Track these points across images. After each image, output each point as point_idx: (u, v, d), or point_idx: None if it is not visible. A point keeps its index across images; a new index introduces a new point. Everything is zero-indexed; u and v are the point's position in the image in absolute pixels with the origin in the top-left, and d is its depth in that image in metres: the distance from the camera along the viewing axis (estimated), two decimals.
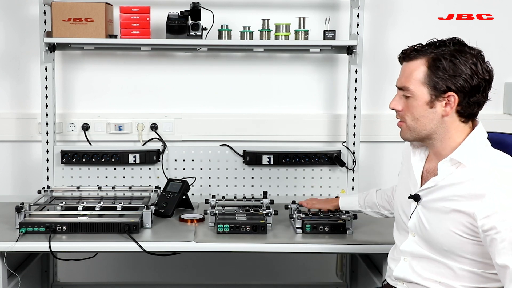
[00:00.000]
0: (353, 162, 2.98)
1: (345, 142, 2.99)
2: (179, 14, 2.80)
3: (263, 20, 2.87)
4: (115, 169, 2.97)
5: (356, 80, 2.92)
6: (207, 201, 2.63)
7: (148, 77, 3.09)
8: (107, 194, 2.79)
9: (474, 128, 1.82)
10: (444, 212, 1.77)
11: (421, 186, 1.86)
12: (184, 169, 2.98)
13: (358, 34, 2.86)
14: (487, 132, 1.89)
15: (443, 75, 1.76)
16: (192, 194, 2.86)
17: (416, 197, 1.85)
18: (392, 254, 1.98)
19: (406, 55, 1.82)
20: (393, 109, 1.84)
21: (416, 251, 1.85)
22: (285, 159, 2.96)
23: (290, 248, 2.25)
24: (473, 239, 1.73)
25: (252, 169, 2.99)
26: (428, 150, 1.91)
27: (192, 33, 2.80)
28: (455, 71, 1.75)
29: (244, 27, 2.86)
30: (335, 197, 2.52)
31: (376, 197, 2.33)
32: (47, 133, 2.90)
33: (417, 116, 1.80)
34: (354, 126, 2.95)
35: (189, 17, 2.80)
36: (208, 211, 2.42)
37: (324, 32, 2.85)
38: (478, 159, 1.76)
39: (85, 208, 2.42)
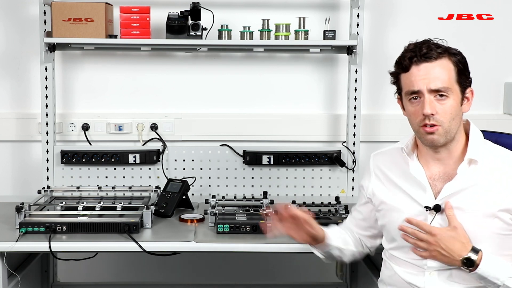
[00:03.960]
0: (353, 162, 2.98)
1: (345, 142, 3.00)
2: (179, 14, 2.80)
3: (263, 20, 2.87)
4: (115, 169, 2.97)
5: (356, 80, 2.92)
6: (207, 201, 2.63)
7: (148, 77, 3.09)
8: (107, 194, 2.79)
9: (468, 127, 1.86)
10: (477, 216, 1.76)
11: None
12: (184, 169, 2.98)
13: (358, 34, 2.86)
14: (487, 131, 1.91)
15: (466, 72, 1.80)
16: (192, 194, 2.86)
17: (436, 208, 1.80)
18: (398, 266, 1.92)
19: (428, 55, 1.76)
20: (431, 114, 1.75)
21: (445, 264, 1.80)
22: (285, 159, 2.96)
23: (290, 248, 2.25)
24: None
25: (252, 169, 2.99)
26: (416, 157, 1.89)
27: (192, 33, 2.80)
28: (467, 69, 1.81)
29: (244, 27, 2.86)
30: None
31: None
32: (47, 133, 2.90)
33: (453, 116, 1.77)
34: (354, 126, 2.96)
35: (189, 17, 2.80)
36: (208, 211, 2.42)
37: (324, 32, 2.85)
38: (487, 155, 1.80)
39: (85, 208, 2.42)
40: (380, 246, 2.07)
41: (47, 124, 2.90)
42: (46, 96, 2.88)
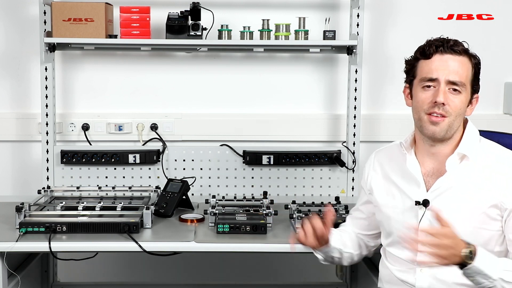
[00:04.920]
0: (353, 162, 2.98)
1: (345, 142, 2.99)
2: (179, 14, 2.80)
3: (263, 20, 2.87)
4: (115, 169, 2.97)
5: (356, 80, 2.92)
6: (207, 201, 2.63)
7: (148, 77, 3.09)
8: (107, 194, 2.78)
9: (465, 125, 1.87)
10: (467, 212, 1.78)
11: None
12: (184, 169, 2.98)
13: (358, 34, 2.86)
14: (487, 131, 1.91)
15: (478, 77, 1.83)
16: (192, 194, 2.86)
17: (425, 203, 1.82)
18: (391, 265, 1.94)
19: (454, 48, 1.78)
20: (442, 104, 1.76)
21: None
22: (285, 159, 2.96)
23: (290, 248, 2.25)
24: (502, 229, 1.78)
25: (252, 169, 2.99)
26: (414, 153, 1.90)
27: (192, 33, 2.80)
28: (479, 75, 1.84)
29: (244, 27, 2.86)
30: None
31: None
32: (47, 133, 2.90)
33: (460, 112, 1.80)
34: (354, 126, 2.96)
35: (189, 17, 2.80)
36: (208, 211, 2.41)
37: (324, 32, 2.85)
38: (481, 152, 1.82)
39: (85, 208, 2.42)
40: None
41: (47, 124, 2.90)
42: (46, 96, 2.88)
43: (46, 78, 2.87)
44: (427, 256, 1.65)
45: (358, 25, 2.87)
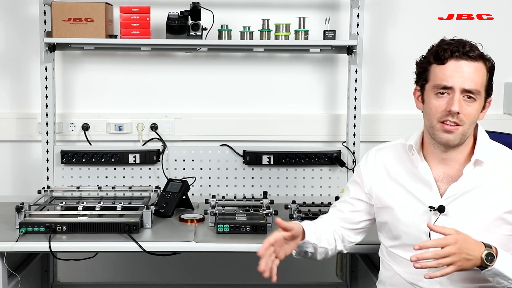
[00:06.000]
0: (353, 162, 2.98)
1: (345, 142, 3.00)
2: (179, 14, 2.80)
3: (263, 20, 2.87)
4: (115, 169, 2.97)
5: (356, 80, 2.92)
6: (207, 201, 2.63)
7: (148, 77, 3.09)
8: (107, 194, 2.79)
9: (476, 129, 1.84)
10: (483, 219, 1.76)
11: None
12: (184, 169, 2.98)
13: (358, 34, 2.86)
14: (487, 131, 1.91)
15: (492, 81, 1.81)
16: (192, 194, 2.86)
17: (440, 209, 1.78)
18: (398, 267, 1.90)
19: (470, 54, 1.73)
20: (457, 112, 1.71)
21: None
22: (285, 159, 2.96)
23: None
24: None
25: (252, 169, 2.99)
26: (423, 157, 1.87)
27: (192, 33, 2.80)
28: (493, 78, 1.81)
29: (244, 27, 2.86)
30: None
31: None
32: (47, 133, 2.90)
33: (474, 120, 1.76)
34: (354, 126, 2.95)
35: (189, 17, 2.80)
36: (208, 211, 2.42)
37: (324, 32, 2.85)
38: (493, 156, 1.80)
39: (85, 208, 2.42)
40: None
41: (47, 124, 2.90)
42: (46, 96, 2.88)
43: (46, 78, 2.87)
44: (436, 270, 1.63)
45: (358, 25, 2.87)
